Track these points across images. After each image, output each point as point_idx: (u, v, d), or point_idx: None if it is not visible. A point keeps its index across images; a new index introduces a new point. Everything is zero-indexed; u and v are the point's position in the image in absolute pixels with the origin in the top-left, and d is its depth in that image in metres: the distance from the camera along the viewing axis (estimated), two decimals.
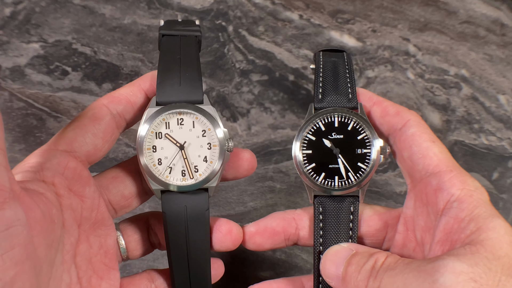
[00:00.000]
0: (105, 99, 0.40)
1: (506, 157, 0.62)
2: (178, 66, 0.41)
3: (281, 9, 0.64)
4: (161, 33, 0.43)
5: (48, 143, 0.38)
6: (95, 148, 0.39)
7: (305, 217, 0.43)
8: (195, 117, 0.40)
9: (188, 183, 0.40)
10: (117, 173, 0.42)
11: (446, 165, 0.38)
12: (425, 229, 0.38)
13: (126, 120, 0.41)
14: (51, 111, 0.58)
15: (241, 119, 0.60)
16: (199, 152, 0.41)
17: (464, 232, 0.34)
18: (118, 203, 0.42)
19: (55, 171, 0.36)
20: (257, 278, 0.56)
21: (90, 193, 0.38)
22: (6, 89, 0.59)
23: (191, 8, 0.63)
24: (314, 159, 0.41)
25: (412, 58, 0.64)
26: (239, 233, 0.42)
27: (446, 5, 0.66)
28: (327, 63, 0.44)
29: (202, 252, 0.41)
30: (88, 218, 0.38)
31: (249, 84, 0.61)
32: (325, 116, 0.41)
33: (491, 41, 0.65)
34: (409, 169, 0.40)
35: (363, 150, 0.41)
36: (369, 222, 0.43)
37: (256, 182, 0.59)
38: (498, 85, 0.64)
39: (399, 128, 0.40)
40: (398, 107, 0.41)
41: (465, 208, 0.35)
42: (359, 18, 0.65)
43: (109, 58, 0.61)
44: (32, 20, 0.61)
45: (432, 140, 0.39)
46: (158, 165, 0.40)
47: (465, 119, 0.62)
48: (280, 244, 0.44)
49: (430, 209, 0.38)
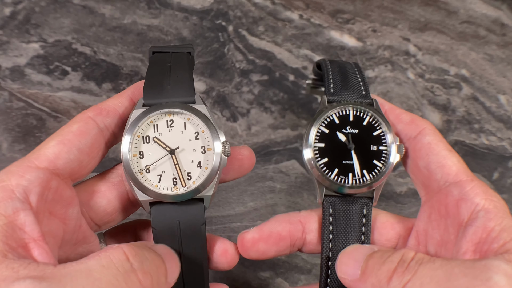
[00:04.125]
0: (91, 111, 0.37)
1: (506, 157, 0.61)
2: (168, 71, 0.38)
3: (281, 9, 0.64)
4: (152, 50, 0.40)
5: (28, 157, 0.34)
6: (80, 165, 0.35)
7: (312, 219, 0.40)
8: (186, 117, 0.36)
9: (180, 192, 0.35)
10: (99, 186, 0.38)
11: (466, 175, 0.36)
12: (440, 243, 0.36)
13: (115, 134, 0.38)
14: (51, 111, 0.58)
15: (241, 119, 0.60)
16: (192, 156, 0.36)
17: (497, 242, 0.32)
18: (101, 220, 0.38)
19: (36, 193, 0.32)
20: (257, 279, 0.56)
21: (73, 214, 0.35)
22: (6, 89, 0.59)
23: (191, 8, 0.63)
24: (327, 154, 0.38)
25: (412, 58, 0.64)
26: (235, 254, 0.39)
27: (447, 5, 0.66)
28: (334, 65, 0.42)
29: (199, 275, 0.36)
30: (69, 240, 0.35)
31: (249, 84, 0.61)
32: (339, 109, 0.38)
33: (491, 41, 0.65)
34: (425, 180, 0.38)
35: (379, 147, 0.38)
36: (381, 230, 0.40)
37: (256, 182, 0.59)
38: (498, 85, 0.64)
39: (413, 136, 0.38)
40: (412, 115, 0.39)
41: (493, 218, 0.33)
42: (359, 18, 0.64)
43: (109, 58, 0.61)
44: (32, 20, 0.61)
45: (449, 149, 0.37)
46: (146, 173, 0.36)
47: (465, 119, 0.62)
48: (285, 251, 0.40)
49: (450, 221, 0.36)
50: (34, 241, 0.30)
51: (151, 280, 0.30)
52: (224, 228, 0.56)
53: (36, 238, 0.31)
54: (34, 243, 0.30)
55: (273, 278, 0.56)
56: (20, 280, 0.27)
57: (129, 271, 0.29)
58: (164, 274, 0.32)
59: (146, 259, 0.31)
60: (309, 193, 0.58)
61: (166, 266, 0.33)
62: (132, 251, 0.31)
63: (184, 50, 0.40)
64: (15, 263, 0.28)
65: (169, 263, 0.34)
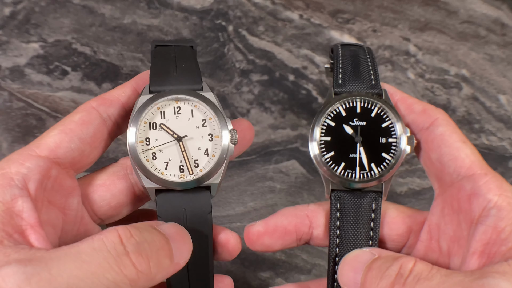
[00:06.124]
0: (94, 101, 0.36)
1: (506, 157, 0.61)
2: (173, 61, 0.37)
3: (281, 9, 0.64)
4: (154, 43, 0.39)
5: (29, 146, 0.34)
6: (82, 155, 0.35)
7: (320, 213, 0.38)
8: (194, 104, 0.36)
9: (187, 180, 0.35)
10: (103, 180, 0.37)
11: (480, 168, 0.34)
12: (453, 239, 0.35)
13: (118, 124, 0.37)
14: (51, 111, 0.58)
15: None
16: (199, 144, 0.36)
17: (505, 245, 0.31)
18: (104, 214, 0.37)
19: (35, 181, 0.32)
20: (257, 278, 0.56)
21: (73, 205, 0.35)
22: (5, 89, 0.59)
23: (191, 8, 0.63)
24: (333, 147, 0.37)
25: (413, 58, 0.64)
26: (237, 243, 0.38)
27: (447, 5, 0.66)
28: (346, 52, 0.40)
29: (204, 265, 0.36)
30: (69, 231, 0.35)
31: (249, 84, 0.61)
32: (346, 101, 0.37)
33: (491, 41, 0.65)
34: (438, 172, 0.36)
35: (388, 139, 0.37)
36: (391, 225, 0.38)
37: (256, 182, 0.59)
38: (498, 85, 0.64)
39: (426, 127, 0.36)
40: (424, 105, 0.37)
41: (505, 217, 0.31)
42: (359, 18, 0.64)
43: (108, 58, 0.61)
44: (31, 20, 0.61)
45: (463, 140, 0.35)
46: (153, 160, 0.35)
47: (465, 119, 0.62)
48: (291, 245, 0.39)
49: (462, 216, 0.34)
50: (31, 227, 0.30)
51: (147, 263, 0.29)
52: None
53: (33, 224, 0.30)
54: (31, 229, 0.30)
55: (273, 278, 0.56)
56: (7, 264, 0.27)
57: (122, 254, 0.28)
58: (167, 255, 0.31)
59: (144, 241, 0.30)
60: (309, 193, 0.58)
61: (170, 246, 0.31)
62: (127, 233, 0.30)
63: (187, 44, 0.39)
64: (9, 248, 0.28)
65: (178, 243, 0.32)
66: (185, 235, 0.33)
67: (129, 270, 0.28)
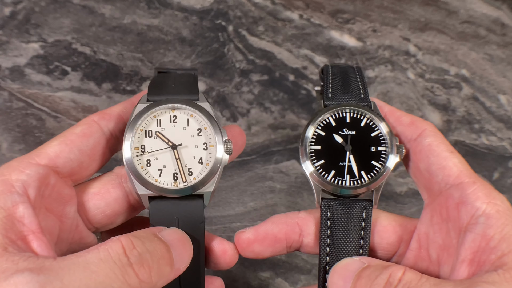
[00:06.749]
0: (96, 115, 0.37)
1: (506, 157, 0.61)
2: (172, 77, 0.39)
3: (281, 9, 0.64)
4: (156, 69, 0.40)
5: (30, 154, 0.35)
6: (81, 166, 0.36)
7: (310, 222, 0.39)
8: (190, 114, 0.37)
9: (180, 187, 0.36)
10: (99, 188, 0.38)
11: (468, 176, 0.34)
12: (443, 247, 0.35)
13: (119, 139, 0.38)
14: (51, 111, 0.58)
15: (241, 119, 0.60)
16: (194, 152, 0.36)
17: (495, 253, 0.31)
18: (99, 222, 0.38)
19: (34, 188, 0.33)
20: (257, 279, 0.56)
21: (71, 213, 0.35)
22: (5, 89, 0.59)
23: (191, 8, 0.63)
24: (323, 156, 0.38)
25: (413, 58, 0.64)
26: (234, 254, 0.38)
27: (447, 5, 0.66)
28: (336, 70, 0.41)
29: (195, 273, 0.36)
30: (65, 239, 0.35)
31: (249, 84, 0.61)
32: (335, 111, 0.38)
33: (491, 41, 0.65)
34: (426, 182, 0.37)
35: (377, 147, 0.38)
36: (382, 233, 0.38)
37: (256, 182, 0.59)
38: (498, 85, 0.64)
39: (414, 138, 0.37)
40: (412, 117, 0.38)
41: (494, 225, 0.32)
42: (359, 18, 0.64)
43: (108, 58, 0.61)
44: (31, 20, 0.61)
45: (451, 150, 0.36)
46: (147, 167, 0.36)
47: (465, 119, 0.62)
48: (281, 252, 0.39)
49: (451, 225, 0.34)
50: (33, 233, 0.31)
51: (149, 273, 0.30)
52: (224, 228, 0.56)
53: (35, 230, 0.31)
54: (33, 235, 0.31)
55: (273, 278, 0.56)
56: (19, 272, 0.27)
57: (126, 265, 0.29)
58: (168, 263, 0.32)
59: (145, 251, 0.31)
60: (309, 193, 0.58)
61: (171, 254, 0.32)
62: (130, 244, 0.31)
63: (188, 72, 0.41)
64: (15, 255, 0.29)
65: (178, 249, 0.33)
66: (186, 241, 0.34)
67: (133, 280, 0.30)
